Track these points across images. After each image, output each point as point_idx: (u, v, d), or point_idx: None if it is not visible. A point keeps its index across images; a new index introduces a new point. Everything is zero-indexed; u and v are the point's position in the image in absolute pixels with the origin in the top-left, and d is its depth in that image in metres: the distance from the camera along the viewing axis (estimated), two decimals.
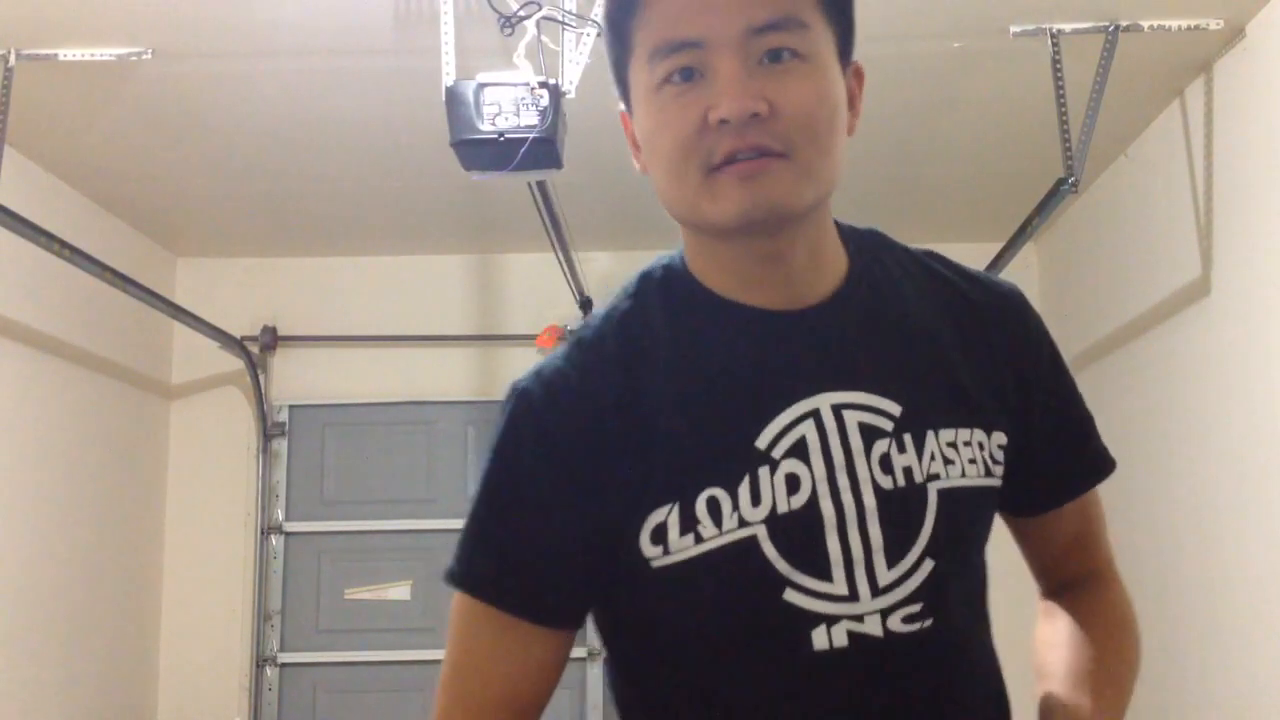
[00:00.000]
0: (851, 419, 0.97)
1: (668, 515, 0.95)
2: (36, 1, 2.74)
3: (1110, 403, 3.87)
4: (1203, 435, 3.19)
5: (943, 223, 4.37)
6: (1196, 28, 2.87)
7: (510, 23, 2.43)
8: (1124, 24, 2.88)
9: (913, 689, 0.97)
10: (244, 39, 2.92)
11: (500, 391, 1.02)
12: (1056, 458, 1.08)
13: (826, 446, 0.96)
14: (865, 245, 1.06)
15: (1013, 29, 2.91)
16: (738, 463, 0.95)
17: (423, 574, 4.58)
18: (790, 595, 0.95)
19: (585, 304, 4.52)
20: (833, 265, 1.02)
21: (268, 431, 4.62)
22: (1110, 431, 1.11)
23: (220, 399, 4.67)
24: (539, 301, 4.63)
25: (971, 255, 2.20)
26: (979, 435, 1.01)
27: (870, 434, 0.97)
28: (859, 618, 0.95)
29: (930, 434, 0.98)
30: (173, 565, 4.54)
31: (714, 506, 0.95)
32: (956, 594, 0.99)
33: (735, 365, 0.98)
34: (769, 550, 0.95)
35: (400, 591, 4.57)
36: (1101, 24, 2.89)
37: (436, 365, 4.69)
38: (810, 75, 0.93)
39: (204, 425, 4.64)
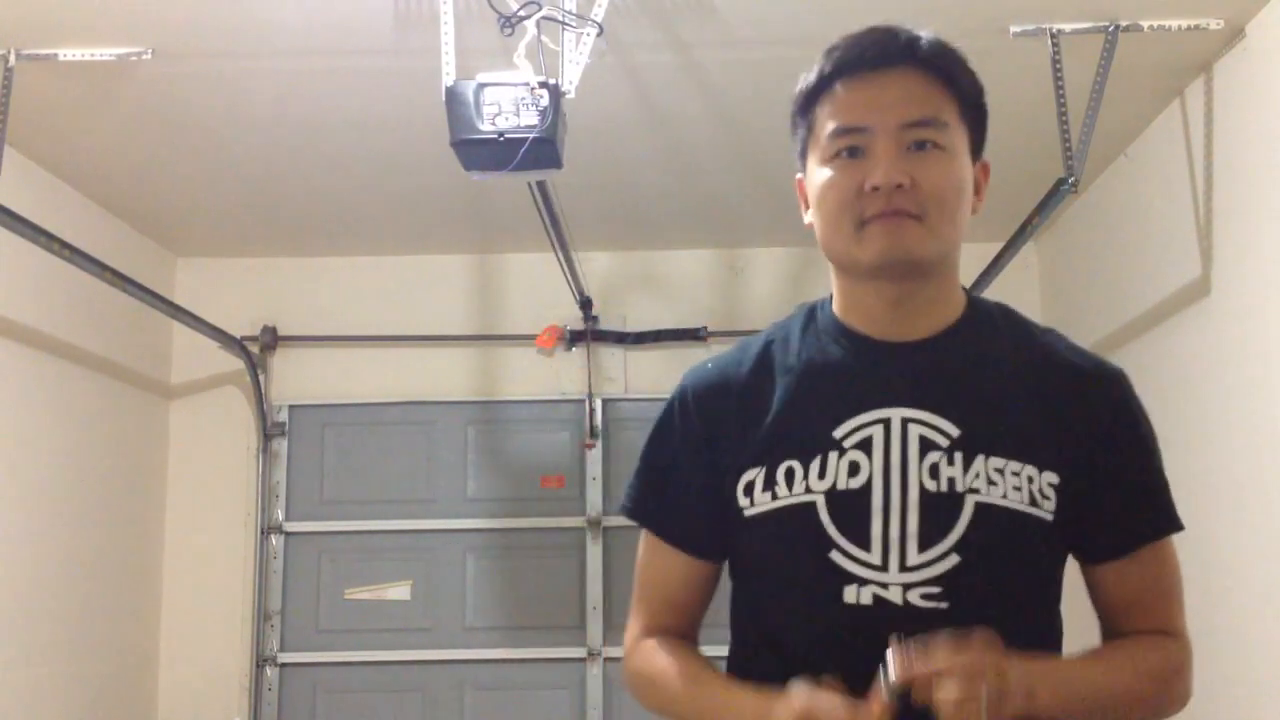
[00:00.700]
0: (914, 431, 1.24)
1: (756, 475, 1.27)
2: (36, 1, 2.74)
3: None
4: (1202, 435, 3.19)
5: None
6: (1196, 28, 2.87)
7: (510, 23, 2.43)
8: (1124, 24, 2.88)
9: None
10: (244, 39, 2.92)
11: (499, 391, 1.18)
12: (1118, 511, 1.28)
13: (888, 447, 1.24)
14: (985, 308, 1.35)
15: (1013, 29, 2.91)
16: (815, 445, 1.25)
17: (423, 574, 4.58)
18: (834, 555, 1.23)
19: (585, 304, 4.53)
20: (944, 314, 1.30)
21: (268, 431, 4.62)
22: None
23: (220, 399, 4.67)
24: (539, 301, 4.63)
25: (971, 255, 2.22)
26: (1029, 470, 1.23)
27: (927, 445, 1.23)
28: (885, 585, 1.21)
29: (980, 457, 1.23)
30: (173, 565, 4.54)
31: (789, 474, 1.25)
32: (983, 591, 1.22)
33: (839, 375, 1.28)
34: (824, 516, 1.24)
35: (400, 591, 4.57)
36: (1101, 24, 2.89)
37: (436, 365, 4.69)
38: (945, 162, 1.24)
39: (204, 425, 4.65)
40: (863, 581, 1.22)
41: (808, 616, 1.25)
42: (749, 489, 1.28)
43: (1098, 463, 1.26)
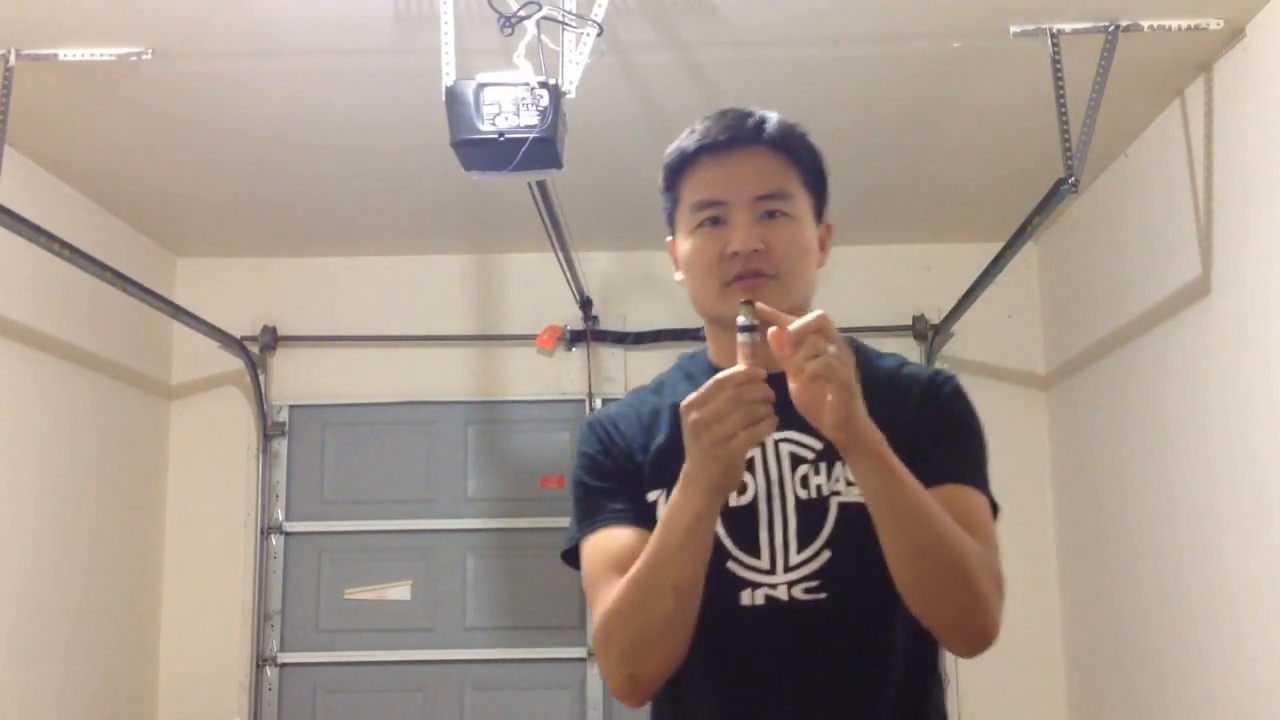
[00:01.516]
0: (785, 448, 1.44)
1: (659, 497, 1.44)
2: (36, 1, 2.74)
3: (1110, 403, 3.87)
4: (1203, 435, 3.19)
5: (943, 223, 4.38)
6: (1196, 28, 2.87)
7: (510, 23, 2.43)
8: (1124, 24, 2.88)
9: (811, 640, 1.39)
10: (244, 39, 2.93)
11: (499, 391, 1.17)
12: (930, 462, 1.37)
13: (766, 465, 1.44)
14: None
15: (1013, 29, 2.91)
16: None
17: (423, 574, 4.58)
18: (730, 564, 1.41)
19: (585, 304, 4.53)
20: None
21: (268, 431, 4.62)
22: (1110, 431, 1.17)
23: (220, 399, 4.67)
24: (539, 301, 4.63)
25: (972, 255, 2.21)
26: None
27: (796, 460, 1.43)
28: (773, 586, 1.40)
29: (839, 464, 1.40)
30: (173, 565, 4.54)
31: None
32: (855, 579, 1.37)
33: None
34: (720, 531, 1.40)
35: (400, 591, 4.57)
36: (1101, 24, 2.89)
37: (436, 365, 4.69)
38: (793, 228, 1.45)
39: (204, 425, 4.65)
40: (755, 585, 1.40)
41: (714, 621, 1.36)
42: (654, 509, 1.44)
43: (923, 442, 1.40)
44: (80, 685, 3.91)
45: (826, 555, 1.39)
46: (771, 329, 1.23)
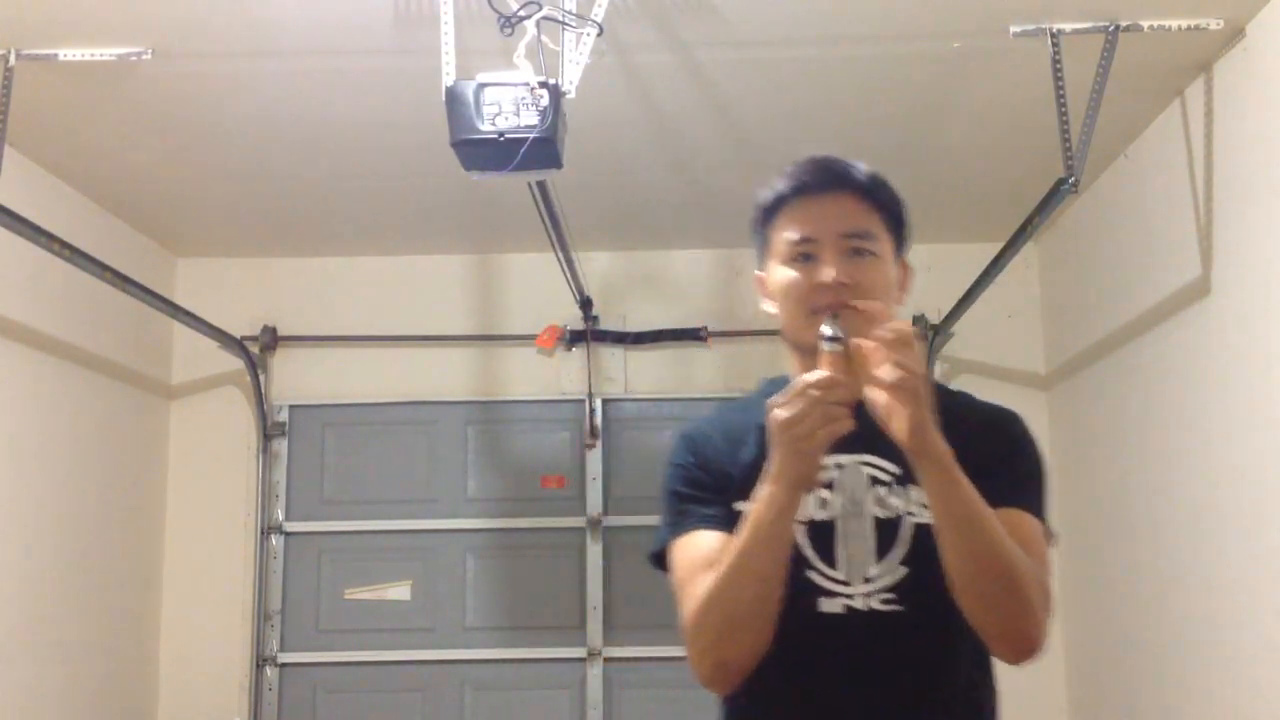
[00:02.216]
0: (865, 471, 1.56)
1: (745, 507, 1.48)
2: (36, 1, 2.74)
3: (1110, 403, 3.87)
4: (1203, 435, 3.19)
5: (943, 223, 4.37)
6: (1196, 28, 2.87)
7: (510, 23, 2.43)
8: (1124, 24, 2.88)
9: (886, 648, 1.50)
10: (244, 39, 2.93)
11: (499, 391, 1.17)
12: (995, 488, 1.46)
13: (845, 485, 1.56)
14: None
15: (1013, 29, 2.91)
16: None
17: (423, 574, 4.58)
18: (810, 573, 1.52)
19: (585, 304, 4.53)
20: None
21: (268, 431, 4.62)
22: (1110, 431, 1.19)
23: (220, 399, 4.67)
24: (539, 301, 4.63)
25: (972, 255, 2.21)
26: None
27: (875, 481, 1.55)
28: (851, 596, 1.51)
29: (914, 488, 1.51)
30: (173, 565, 4.54)
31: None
32: (929, 594, 1.47)
33: None
34: (802, 541, 1.52)
35: (400, 591, 4.57)
36: (1101, 24, 2.89)
37: (436, 365, 4.69)
38: (876, 265, 1.55)
39: (204, 425, 4.65)
40: (833, 594, 1.52)
41: (793, 625, 1.48)
42: (741, 516, 1.49)
43: (990, 468, 1.48)
44: (80, 685, 3.91)
45: (903, 571, 1.51)
46: (869, 337, 1.37)
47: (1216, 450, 3.11)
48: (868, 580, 1.52)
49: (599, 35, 2.54)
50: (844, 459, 1.55)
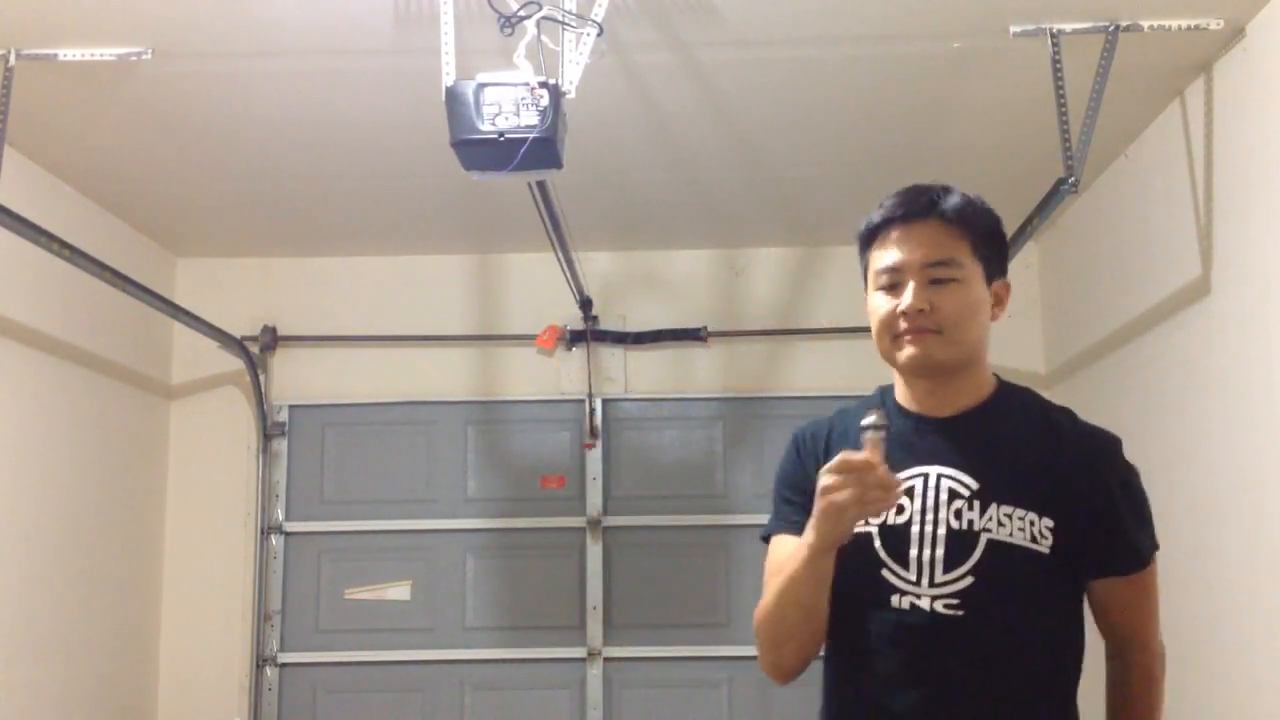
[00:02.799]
0: (945, 483, 1.67)
1: None
2: (36, 1, 2.74)
3: (1110, 403, 3.87)
4: (1203, 435, 3.19)
5: None
6: (1196, 28, 2.87)
7: (510, 23, 2.43)
8: (1124, 24, 2.88)
9: (944, 649, 1.63)
10: (244, 39, 2.93)
11: (499, 391, 1.18)
12: (1096, 548, 1.66)
13: (925, 494, 1.67)
14: (1012, 391, 1.77)
15: (1013, 29, 2.91)
16: None
17: (423, 574, 4.58)
18: (884, 572, 1.66)
19: (585, 304, 4.53)
20: (973, 396, 1.73)
21: (268, 431, 4.62)
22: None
23: (220, 399, 4.67)
24: (539, 301, 4.63)
25: None
26: (1031, 515, 1.64)
27: (953, 495, 1.66)
28: (919, 596, 1.64)
29: (994, 505, 1.64)
30: (173, 565, 4.54)
31: None
32: (991, 604, 1.61)
33: (895, 440, 1.62)
34: (877, 543, 1.67)
35: (400, 591, 4.57)
36: (1101, 24, 2.89)
37: (436, 365, 4.69)
38: (958, 292, 1.66)
39: (204, 425, 4.65)
40: (903, 593, 1.65)
41: (868, 618, 1.67)
42: None
43: (1086, 507, 1.65)
44: (80, 685, 3.91)
45: (969, 580, 1.62)
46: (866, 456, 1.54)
47: (1216, 450, 3.11)
48: (935, 585, 1.63)
49: (599, 35, 2.53)
50: (929, 469, 1.68)
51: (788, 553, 1.68)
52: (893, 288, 1.68)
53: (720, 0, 2.78)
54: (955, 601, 1.62)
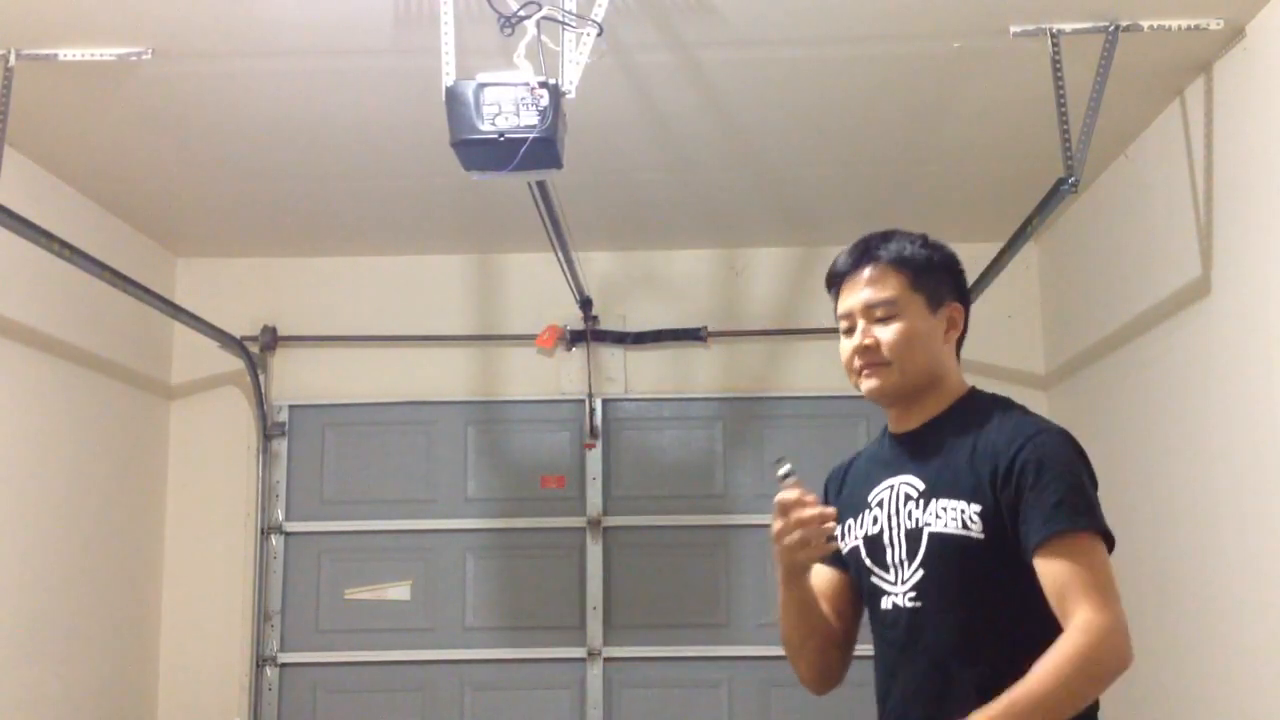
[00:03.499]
0: (901, 489, 1.86)
1: (842, 527, 1.92)
2: (36, 1, 2.74)
3: (1110, 402, 3.87)
4: (1203, 435, 3.19)
5: (943, 222, 4.35)
6: (1196, 28, 2.87)
7: (510, 23, 2.43)
8: (1124, 24, 2.88)
9: (913, 637, 1.81)
10: (244, 39, 2.93)
11: (499, 391, 1.23)
12: (1015, 526, 1.75)
13: (890, 502, 1.87)
14: (972, 398, 1.92)
15: (1013, 29, 2.91)
16: (861, 507, 1.92)
17: (423, 574, 4.58)
18: (873, 579, 1.88)
19: (585, 304, 4.53)
20: (934, 409, 1.89)
21: (268, 431, 4.62)
22: (1110, 431, 1.19)
23: (220, 399, 4.67)
24: (539, 301, 4.63)
25: (972, 255, 2.24)
26: (961, 504, 1.78)
27: (906, 498, 1.85)
28: (897, 595, 1.83)
29: (934, 500, 1.81)
30: (173, 565, 4.54)
31: (849, 528, 1.93)
32: (943, 592, 1.78)
33: (877, 458, 1.96)
34: (863, 552, 1.89)
35: (400, 591, 4.57)
36: (1101, 24, 2.89)
37: (436, 365, 4.69)
38: (898, 322, 1.85)
39: (204, 425, 4.65)
40: (887, 594, 1.85)
41: (874, 622, 1.90)
42: (841, 535, 1.91)
43: (1004, 490, 1.76)
44: (80, 685, 3.91)
45: (921, 572, 1.80)
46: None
47: (1216, 449, 3.11)
48: (903, 582, 1.83)
49: (599, 35, 2.53)
50: (894, 480, 1.88)
51: (820, 578, 1.95)
52: (849, 331, 1.90)
53: (720, 0, 2.78)
54: (914, 594, 1.81)
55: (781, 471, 1.78)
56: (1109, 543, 1.74)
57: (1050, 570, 1.69)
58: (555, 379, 4.67)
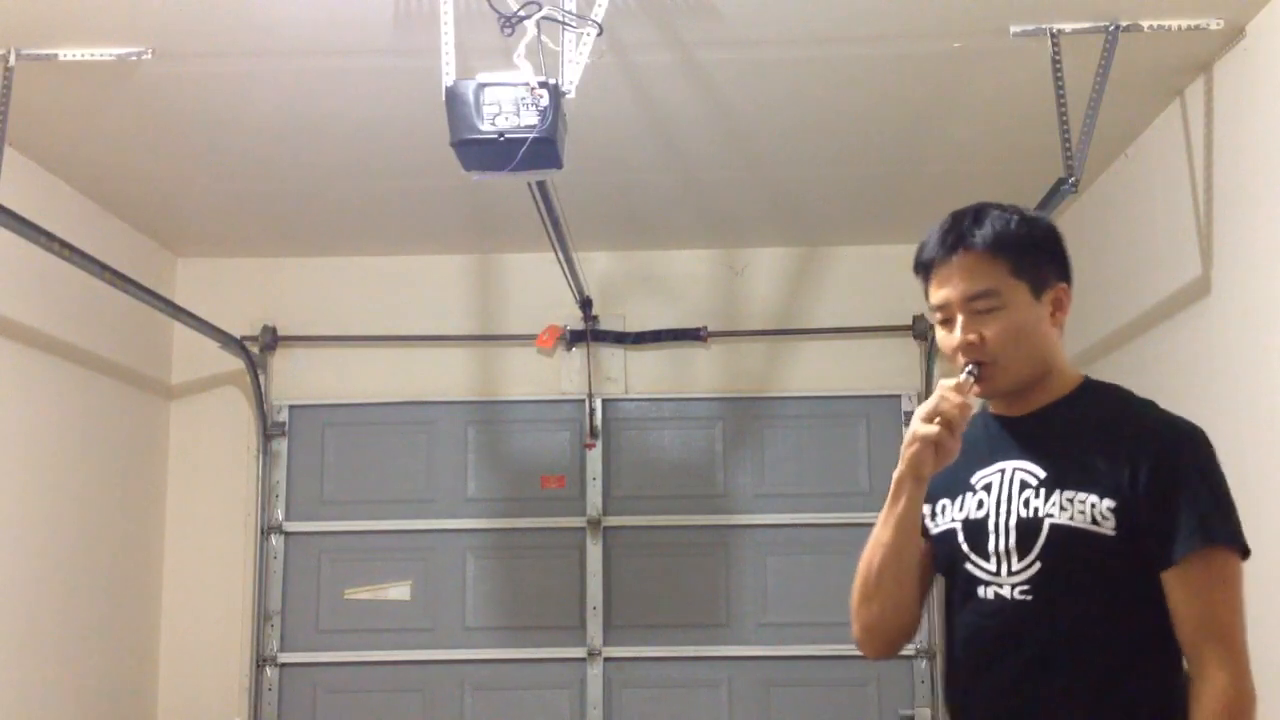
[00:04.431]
0: (1016, 475, 1.76)
1: (932, 507, 1.84)
2: (36, 1, 2.74)
3: None
4: None
5: None
6: (1196, 28, 2.87)
7: (510, 23, 2.43)
8: (1124, 24, 2.88)
9: (1024, 630, 1.71)
10: (244, 39, 2.93)
11: (499, 391, 1.21)
12: (1150, 531, 1.67)
13: (1000, 488, 1.77)
14: (1091, 387, 1.83)
15: (1013, 29, 2.91)
16: (961, 489, 1.81)
17: (423, 574, 4.58)
18: (968, 565, 1.78)
19: (585, 304, 4.52)
20: (1049, 395, 1.80)
21: (268, 431, 4.62)
22: None
23: (220, 399, 4.67)
24: (539, 301, 4.63)
25: None
26: (1092, 498, 1.69)
27: (1023, 485, 1.75)
28: (1000, 585, 1.74)
29: (1058, 491, 1.71)
30: (173, 565, 4.54)
31: (944, 508, 1.83)
32: (1061, 588, 1.69)
33: (983, 441, 1.82)
34: (960, 537, 1.79)
35: (400, 591, 4.57)
36: (1101, 24, 2.89)
37: (436, 365, 4.69)
38: (1002, 318, 1.74)
39: (204, 425, 4.65)
40: (987, 583, 1.75)
41: (961, 610, 1.79)
42: (930, 515, 1.84)
43: (1145, 491, 1.67)
44: (80, 685, 3.91)
45: (1038, 566, 1.71)
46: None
47: (1216, 449, 3.10)
48: (1012, 573, 1.73)
49: (599, 35, 2.53)
50: (1005, 464, 1.78)
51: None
52: (946, 322, 1.79)
53: (720, 0, 2.78)
54: (1026, 587, 1.71)
55: (969, 369, 1.73)
56: (1248, 554, 1.75)
57: (1186, 594, 1.67)
58: (555, 379, 4.67)
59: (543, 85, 2.40)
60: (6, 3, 2.74)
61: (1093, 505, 1.68)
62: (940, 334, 1.82)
